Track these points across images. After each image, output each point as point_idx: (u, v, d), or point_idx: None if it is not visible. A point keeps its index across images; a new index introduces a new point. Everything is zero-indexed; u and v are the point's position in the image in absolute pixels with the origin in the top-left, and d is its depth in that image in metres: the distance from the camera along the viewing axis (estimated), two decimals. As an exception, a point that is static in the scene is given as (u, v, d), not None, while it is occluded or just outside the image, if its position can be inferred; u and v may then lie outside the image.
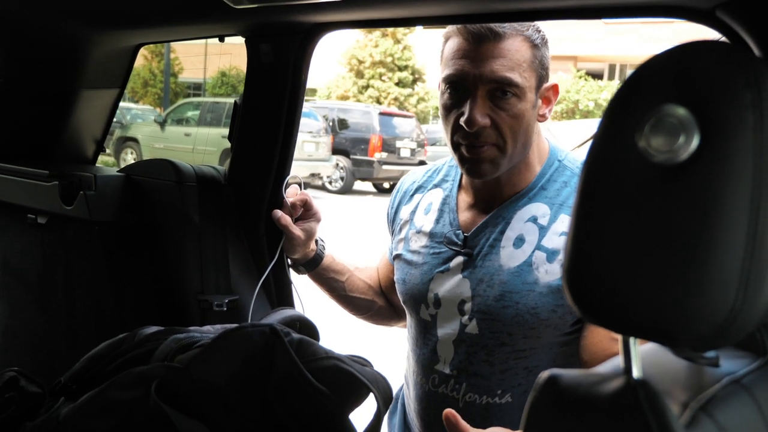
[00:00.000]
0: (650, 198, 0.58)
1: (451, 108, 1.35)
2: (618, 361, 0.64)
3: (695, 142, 0.56)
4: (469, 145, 1.33)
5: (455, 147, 1.37)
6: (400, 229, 1.57)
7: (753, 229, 0.55)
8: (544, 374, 0.65)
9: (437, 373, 1.43)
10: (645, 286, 0.57)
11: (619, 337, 0.63)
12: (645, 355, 0.68)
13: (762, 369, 0.71)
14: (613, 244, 0.59)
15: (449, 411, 1.07)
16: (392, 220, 1.63)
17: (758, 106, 0.55)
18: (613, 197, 0.60)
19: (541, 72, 1.34)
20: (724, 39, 1.02)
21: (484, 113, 1.30)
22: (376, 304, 1.72)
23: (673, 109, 0.56)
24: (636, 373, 0.61)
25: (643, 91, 0.60)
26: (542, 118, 1.38)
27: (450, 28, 1.35)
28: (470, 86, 1.30)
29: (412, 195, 1.59)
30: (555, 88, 1.39)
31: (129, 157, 14.20)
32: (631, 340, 0.63)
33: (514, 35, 1.29)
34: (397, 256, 1.55)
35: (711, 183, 0.55)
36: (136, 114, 17.58)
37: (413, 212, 1.55)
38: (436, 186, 1.55)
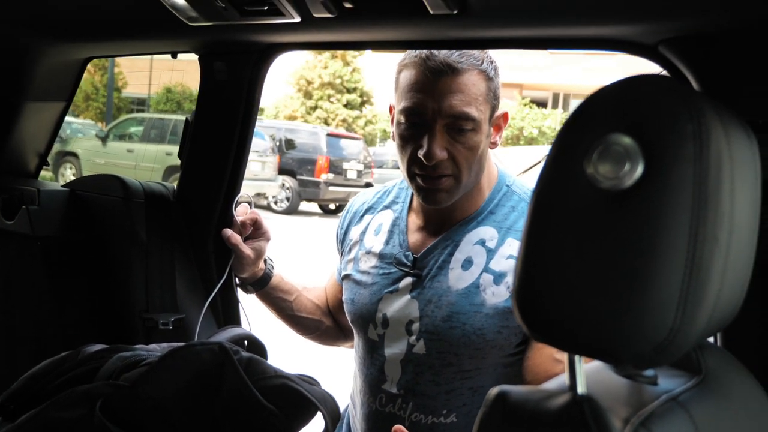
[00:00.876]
0: (596, 222, 0.60)
1: (408, 139, 1.37)
2: (563, 379, 0.66)
3: (640, 170, 0.58)
4: (425, 176, 1.36)
5: (411, 177, 1.39)
6: (350, 250, 1.58)
7: (692, 253, 0.58)
8: (494, 390, 0.67)
9: (384, 392, 1.44)
10: (590, 307, 0.60)
11: (565, 355, 0.66)
12: (589, 374, 0.71)
13: (697, 387, 0.73)
14: (560, 266, 0.62)
15: (398, 427, 1.08)
16: (341, 240, 1.64)
17: (698, 137, 0.58)
18: (561, 221, 0.62)
19: (494, 102, 1.38)
20: (665, 73, 1.08)
21: (443, 147, 1.33)
22: (324, 324, 1.72)
23: (620, 138, 0.59)
24: (581, 389, 0.64)
25: (592, 120, 0.63)
26: (493, 145, 1.42)
27: (406, 58, 1.37)
28: (429, 120, 1.33)
29: (362, 216, 1.60)
30: (505, 116, 1.43)
31: (68, 173, 13.85)
32: (576, 358, 0.65)
33: (470, 69, 1.32)
34: (347, 276, 1.56)
35: (653, 209, 0.58)
36: (77, 128, 17.15)
37: (363, 233, 1.57)
38: (386, 207, 1.57)
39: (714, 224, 0.59)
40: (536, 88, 23.27)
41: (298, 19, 1.27)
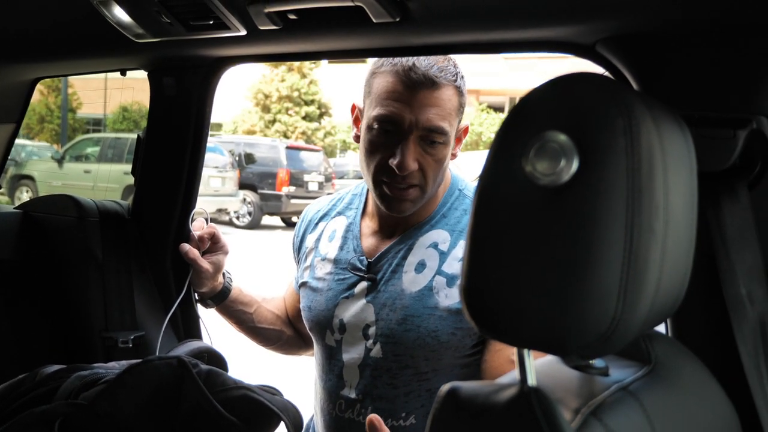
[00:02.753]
0: (537, 217, 0.62)
1: (379, 146, 1.37)
2: (516, 374, 0.68)
3: (575, 166, 0.60)
4: (392, 185, 1.37)
5: (377, 183, 1.39)
6: (306, 257, 1.59)
7: (629, 243, 0.60)
8: (445, 387, 0.68)
9: (343, 398, 1.45)
10: (534, 301, 0.61)
11: (515, 350, 0.67)
12: (541, 368, 0.72)
13: (647, 376, 0.75)
14: (504, 262, 0.63)
15: (373, 416, 1.07)
16: (297, 249, 1.64)
17: (629, 132, 0.60)
18: (503, 218, 0.64)
19: (460, 117, 1.40)
20: (607, 73, 1.11)
21: (415, 158, 1.34)
22: (285, 334, 1.73)
23: (555, 135, 0.61)
24: (531, 381, 0.65)
25: (528, 119, 0.64)
26: (453, 156, 1.44)
27: (384, 65, 1.36)
28: (405, 131, 1.33)
29: (317, 223, 1.61)
30: (465, 129, 1.45)
31: (24, 196, 13.59)
32: (525, 352, 0.66)
33: (447, 85, 1.33)
34: (303, 284, 1.56)
35: (589, 202, 0.60)
36: (32, 151, 16.86)
37: (318, 240, 1.57)
38: (339, 213, 1.58)
39: (649, 215, 0.61)
40: (493, 94, 23.52)
41: (244, 32, 1.27)
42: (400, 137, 1.34)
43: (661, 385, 0.75)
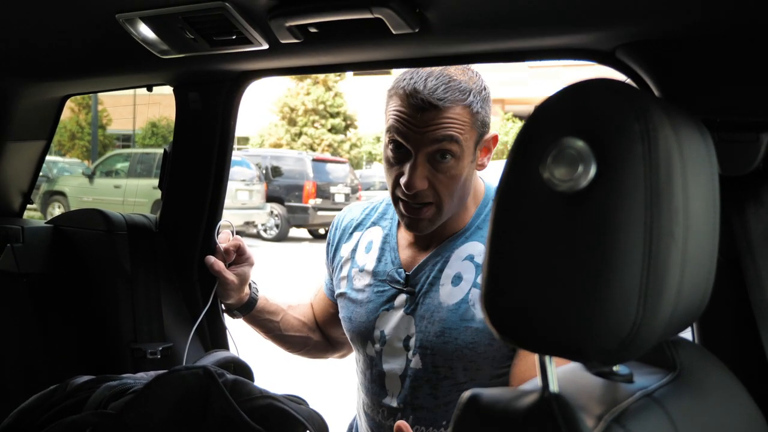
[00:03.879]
0: (555, 224, 0.62)
1: (393, 163, 1.39)
2: (538, 380, 0.68)
3: (593, 171, 0.60)
4: (407, 203, 1.38)
5: (395, 200, 1.42)
6: (341, 267, 1.60)
7: (648, 247, 0.59)
8: (466, 393, 0.68)
9: (385, 406, 1.47)
10: (554, 306, 0.61)
11: (536, 356, 0.67)
12: (563, 375, 0.72)
13: (673, 383, 0.75)
14: (523, 268, 0.63)
15: (401, 423, 1.09)
16: (332, 257, 1.66)
17: (646, 137, 0.60)
18: (522, 224, 0.64)
19: (482, 130, 1.39)
20: (628, 80, 1.10)
21: (423, 177, 1.35)
22: (311, 340, 1.74)
23: (572, 141, 0.61)
24: (552, 388, 0.65)
25: (545, 126, 0.65)
26: (481, 167, 1.44)
27: (394, 87, 1.38)
28: (411, 149, 1.35)
29: (351, 233, 1.62)
30: (495, 139, 1.44)
31: (56, 211, 13.81)
32: (547, 358, 0.66)
33: (453, 106, 1.33)
34: (341, 295, 1.58)
35: (608, 208, 0.60)
36: (63, 167, 17.17)
37: (354, 251, 1.59)
38: (374, 224, 1.59)
39: (669, 220, 0.60)
40: (518, 102, 23.44)
41: (266, 47, 1.29)
42: (409, 155, 1.35)
43: (687, 392, 0.75)
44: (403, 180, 1.35)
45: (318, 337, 1.75)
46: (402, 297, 1.47)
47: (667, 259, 0.61)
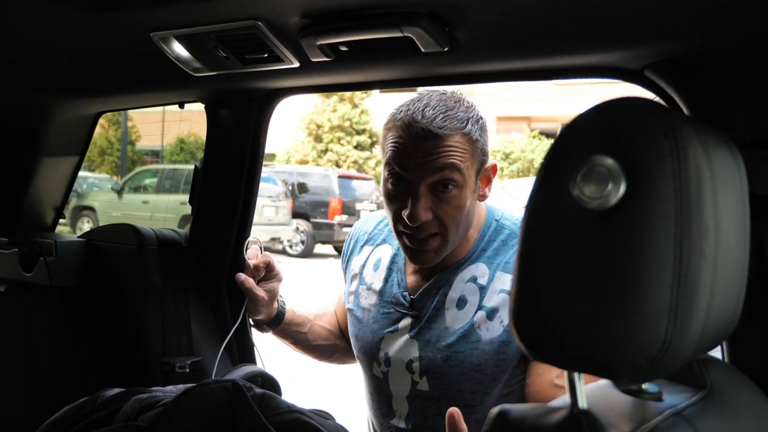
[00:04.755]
0: (585, 241, 0.62)
1: (393, 198, 1.38)
2: (566, 397, 0.68)
3: (622, 189, 0.60)
4: (412, 237, 1.37)
5: (399, 234, 1.41)
6: (351, 281, 1.61)
7: (678, 265, 0.59)
8: (495, 410, 0.68)
9: (394, 427, 1.47)
10: (583, 323, 0.61)
11: (565, 379, 0.67)
12: (592, 392, 0.72)
13: (703, 401, 0.74)
14: (553, 285, 0.63)
15: (454, 410, 1.07)
16: (345, 268, 1.67)
17: (676, 154, 0.60)
18: (551, 242, 0.64)
19: (481, 158, 1.38)
20: (657, 99, 1.10)
21: (427, 208, 1.34)
22: (339, 347, 1.75)
23: (602, 159, 0.61)
24: (581, 404, 0.65)
25: (574, 144, 0.65)
26: (483, 197, 1.43)
27: (390, 120, 1.37)
28: (414, 180, 1.34)
29: (362, 246, 1.63)
30: (494, 168, 1.43)
31: (85, 226, 13.98)
32: (576, 375, 0.66)
33: (453, 134, 1.32)
34: (350, 310, 1.59)
35: (638, 225, 0.60)
36: (93, 183, 17.39)
37: (363, 266, 1.59)
38: (384, 241, 1.60)
39: (699, 237, 0.60)
40: (545, 120, 23.33)
41: (297, 65, 1.31)
42: (410, 188, 1.34)
43: (717, 411, 0.74)
44: (405, 212, 1.34)
45: (345, 344, 1.76)
46: (407, 320, 1.47)
47: (697, 277, 0.61)
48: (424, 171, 1.32)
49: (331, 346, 1.74)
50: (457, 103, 1.34)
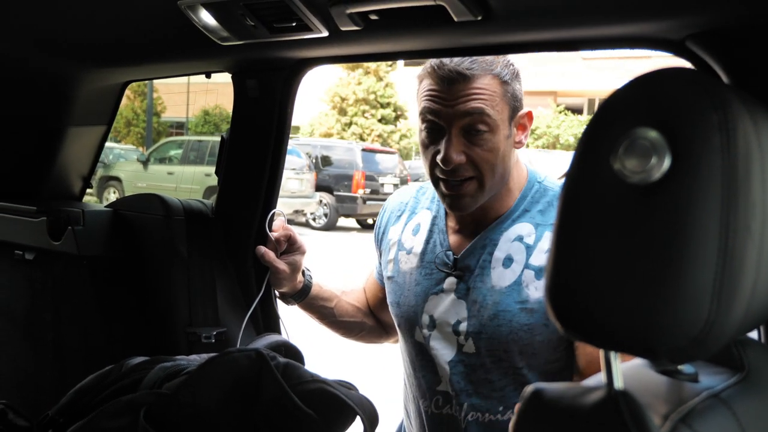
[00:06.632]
0: (626, 217, 0.60)
1: (428, 145, 1.40)
2: (601, 377, 0.66)
3: (667, 163, 0.58)
4: (447, 181, 1.38)
5: (435, 182, 1.42)
6: (389, 250, 1.60)
7: (723, 243, 0.57)
8: (529, 387, 0.67)
9: (440, 393, 1.46)
10: (623, 301, 0.59)
11: (601, 351, 0.66)
12: (627, 372, 0.70)
13: (740, 383, 0.72)
14: (591, 261, 0.62)
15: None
16: (380, 240, 1.66)
17: (725, 127, 0.58)
18: (591, 217, 0.62)
19: (513, 104, 1.39)
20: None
21: (459, 151, 1.35)
22: (366, 325, 1.75)
23: (645, 131, 0.59)
24: (617, 384, 0.64)
25: (617, 116, 0.63)
26: (519, 144, 1.43)
27: (423, 69, 1.40)
28: (445, 125, 1.35)
29: (399, 216, 1.62)
30: (529, 115, 1.44)
31: (112, 197, 14.15)
32: (612, 354, 0.65)
33: (482, 75, 1.34)
34: (389, 278, 1.58)
35: (683, 201, 0.58)
36: (119, 153, 17.56)
37: (401, 233, 1.58)
38: (423, 207, 1.59)
39: (745, 214, 0.58)
40: (570, 95, 23.10)
41: (326, 34, 1.29)
42: (443, 132, 1.36)
43: (756, 394, 0.73)
44: (439, 157, 1.35)
45: (372, 322, 1.76)
46: (451, 280, 1.45)
47: (743, 255, 0.59)
48: (455, 114, 1.34)
49: (358, 324, 1.74)
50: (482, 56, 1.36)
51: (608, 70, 21.02)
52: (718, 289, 0.58)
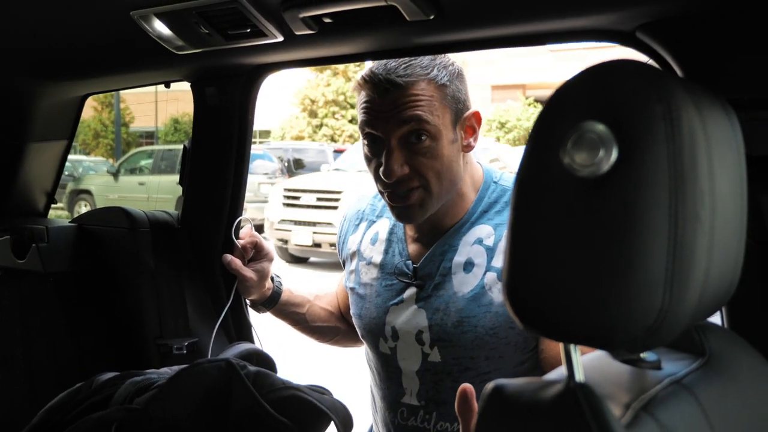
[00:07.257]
0: (577, 210, 0.60)
1: (371, 158, 1.37)
2: (563, 370, 0.66)
3: (614, 155, 0.58)
4: (393, 193, 1.35)
5: (382, 195, 1.39)
6: (350, 260, 1.58)
7: (673, 232, 0.58)
8: (490, 384, 0.67)
9: (405, 405, 1.43)
10: (578, 295, 0.60)
11: (561, 345, 0.66)
12: (589, 363, 0.71)
13: (702, 369, 0.73)
14: (545, 256, 0.62)
15: (467, 386, 1.00)
16: (341, 250, 1.64)
17: (668, 117, 0.58)
18: (543, 211, 0.62)
19: (456, 106, 1.34)
20: (651, 61, 1.08)
21: (401, 162, 1.31)
22: (341, 329, 1.73)
23: (592, 125, 0.59)
24: (578, 377, 0.64)
25: (564, 110, 0.63)
26: (468, 148, 1.39)
27: (356, 81, 1.37)
28: (383, 136, 1.32)
29: (357, 225, 1.60)
30: (476, 115, 1.39)
31: (83, 210, 13.98)
32: (571, 347, 0.65)
33: (417, 81, 1.30)
34: (351, 290, 1.56)
35: (631, 192, 0.58)
36: (89, 166, 17.37)
37: (360, 242, 1.56)
38: (380, 216, 1.57)
39: (694, 203, 0.59)
40: (539, 87, 23.20)
41: (281, 39, 1.28)
42: (383, 144, 1.32)
43: (717, 378, 0.73)
44: (381, 170, 1.32)
45: (346, 327, 1.73)
46: (412, 290, 1.43)
47: (693, 244, 0.59)
48: (392, 125, 1.30)
49: (332, 329, 1.72)
50: (426, 56, 1.32)
51: (575, 61, 21.15)
52: (670, 278, 0.58)
